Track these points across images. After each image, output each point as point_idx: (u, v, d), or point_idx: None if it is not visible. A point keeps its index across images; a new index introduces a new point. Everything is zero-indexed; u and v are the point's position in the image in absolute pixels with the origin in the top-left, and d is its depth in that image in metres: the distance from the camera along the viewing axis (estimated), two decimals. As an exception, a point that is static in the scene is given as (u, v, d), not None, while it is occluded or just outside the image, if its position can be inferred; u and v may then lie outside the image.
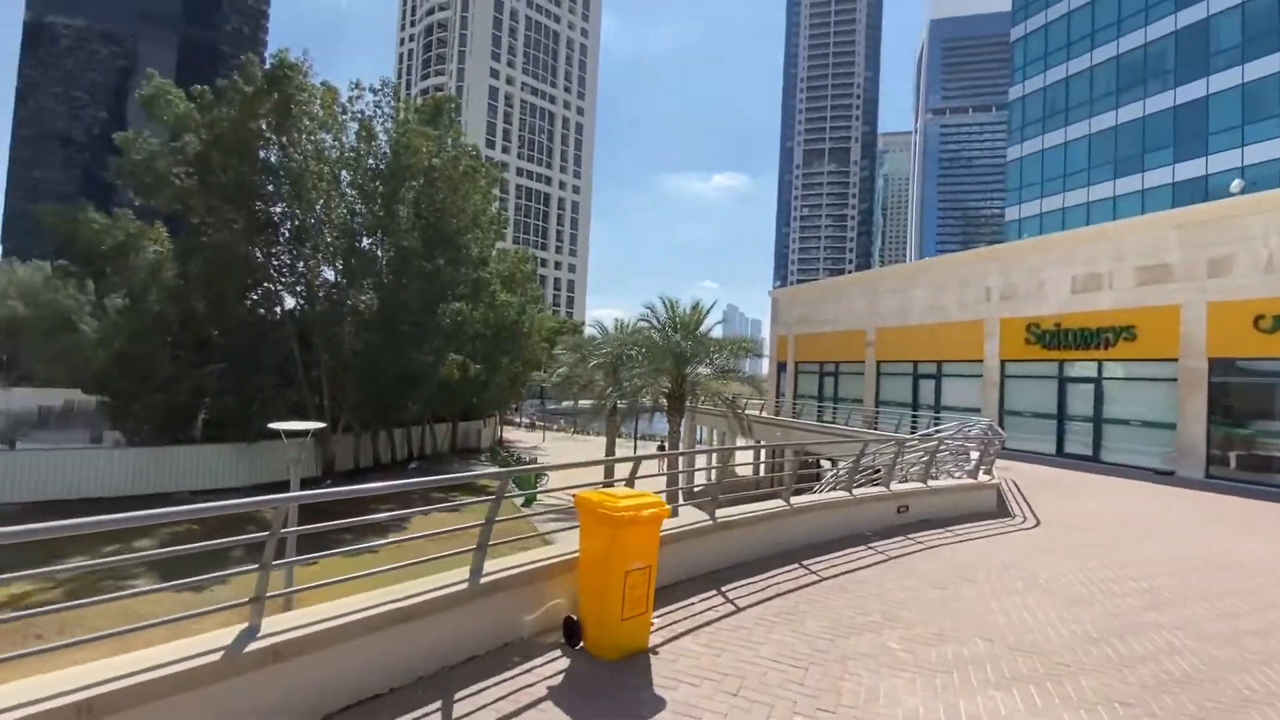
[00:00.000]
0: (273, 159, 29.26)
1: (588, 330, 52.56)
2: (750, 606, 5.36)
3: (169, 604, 11.81)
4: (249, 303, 30.91)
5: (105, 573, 16.50)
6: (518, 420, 65.97)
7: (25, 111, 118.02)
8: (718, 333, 26.54)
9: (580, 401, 49.38)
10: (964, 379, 22.32)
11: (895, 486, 8.95)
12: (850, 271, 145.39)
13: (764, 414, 28.12)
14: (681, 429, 24.43)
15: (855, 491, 8.29)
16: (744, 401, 26.52)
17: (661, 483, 21.40)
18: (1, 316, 54.75)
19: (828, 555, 7.07)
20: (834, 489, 9.82)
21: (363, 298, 30.88)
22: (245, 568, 3.29)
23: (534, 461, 33.37)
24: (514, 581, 4.43)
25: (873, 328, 25.44)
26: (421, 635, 3.87)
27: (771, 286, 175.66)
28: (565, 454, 45.48)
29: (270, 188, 29.34)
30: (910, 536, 8.17)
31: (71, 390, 38.20)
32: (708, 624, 4.92)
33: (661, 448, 32.60)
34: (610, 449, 32.55)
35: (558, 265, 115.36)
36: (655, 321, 24.52)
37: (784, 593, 5.77)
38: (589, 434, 59.36)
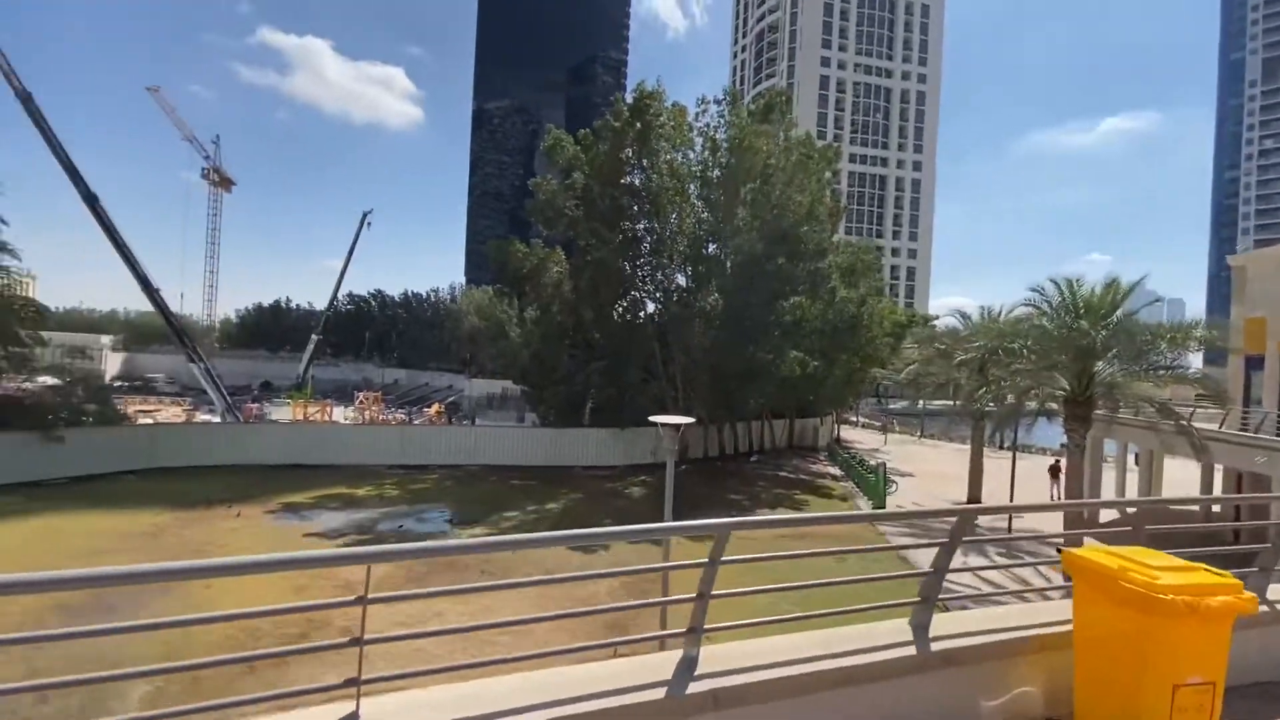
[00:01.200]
0: (636, 182, 33.43)
1: (942, 321, 46.62)
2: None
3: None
4: (620, 309, 36.01)
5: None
6: (854, 419, 62.72)
7: (476, 178, 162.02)
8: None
9: (929, 402, 44.05)
10: None
11: None
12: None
13: (1225, 429, 20.23)
14: (1087, 442, 19.30)
15: None
16: (1188, 409, 19.63)
17: (1054, 522, 17.15)
18: (466, 327, 75.72)
19: None
20: None
21: (709, 299, 33.02)
22: (684, 595, 2.99)
23: (881, 466, 30.65)
24: (970, 654, 3.35)
25: None
26: (858, 705, 3.12)
27: (1210, 251, 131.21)
28: (911, 459, 41.07)
29: (635, 208, 33.61)
30: None
31: (506, 381, 50.39)
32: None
33: (1055, 466, 26.37)
34: (977, 459, 27.97)
35: (895, 252, 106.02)
36: (1046, 306, 19.89)
37: None
38: (937, 438, 52.81)
